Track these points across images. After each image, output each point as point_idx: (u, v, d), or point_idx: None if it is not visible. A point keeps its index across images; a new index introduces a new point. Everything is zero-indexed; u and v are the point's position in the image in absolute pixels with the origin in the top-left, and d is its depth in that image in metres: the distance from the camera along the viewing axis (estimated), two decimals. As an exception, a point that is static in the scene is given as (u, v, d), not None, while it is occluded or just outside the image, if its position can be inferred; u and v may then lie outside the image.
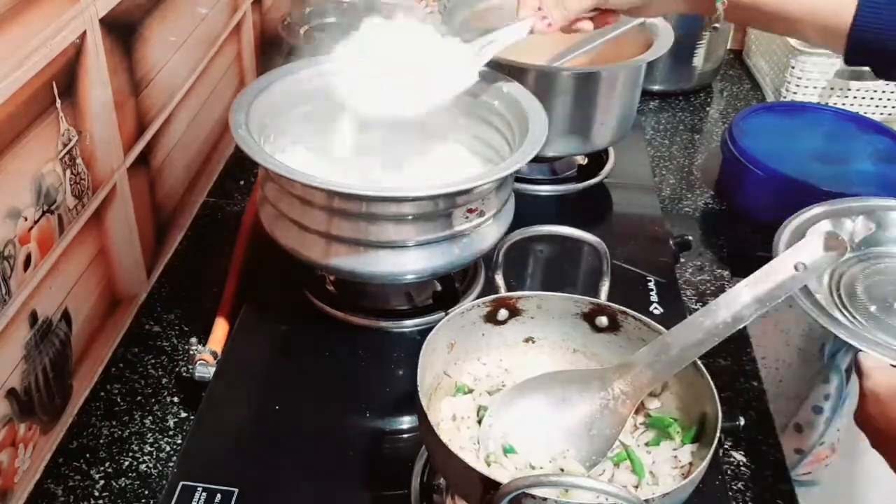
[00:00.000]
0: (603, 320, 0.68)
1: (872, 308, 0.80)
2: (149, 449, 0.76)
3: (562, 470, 0.61)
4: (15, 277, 0.66)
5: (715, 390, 0.60)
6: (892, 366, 0.63)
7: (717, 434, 0.57)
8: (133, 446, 0.76)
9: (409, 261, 0.75)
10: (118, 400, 0.80)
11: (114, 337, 0.86)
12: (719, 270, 1.01)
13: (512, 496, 0.50)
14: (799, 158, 1.09)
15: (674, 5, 0.80)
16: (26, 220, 0.67)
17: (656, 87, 1.38)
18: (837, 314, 0.78)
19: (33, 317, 0.69)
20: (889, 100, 1.26)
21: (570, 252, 0.95)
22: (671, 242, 0.97)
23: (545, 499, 0.51)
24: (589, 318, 0.68)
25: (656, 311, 0.85)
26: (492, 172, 0.72)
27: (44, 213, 0.69)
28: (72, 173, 0.73)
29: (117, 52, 0.79)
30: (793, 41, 1.27)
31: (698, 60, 1.36)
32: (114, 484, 0.73)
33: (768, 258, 1.05)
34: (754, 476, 0.77)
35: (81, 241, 0.76)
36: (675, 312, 0.85)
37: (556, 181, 1.07)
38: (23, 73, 0.64)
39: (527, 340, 0.70)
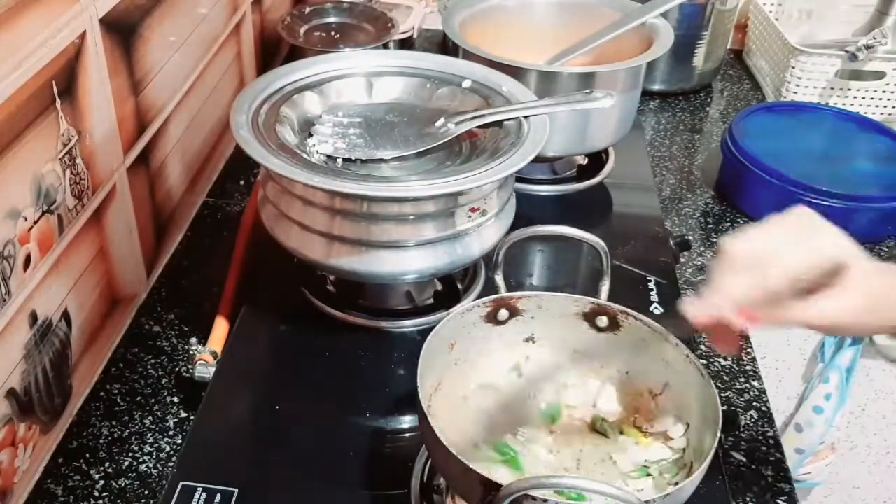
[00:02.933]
0: (603, 320, 0.68)
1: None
2: (149, 449, 0.76)
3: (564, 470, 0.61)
4: (15, 277, 0.66)
5: (716, 390, 0.60)
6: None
7: (718, 434, 0.57)
8: (133, 446, 0.76)
9: (411, 260, 0.75)
10: (118, 400, 0.80)
11: (114, 337, 0.86)
12: (719, 270, 1.01)
13: (513, 497, 0.50)
14: (799, 158, 1.09)
15: None
16: (26, 220, 0.67)
17: (656, 87, 1.38)
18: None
19: (33, 317, 0.69)
20: (889, 100, 1.26)
21: (570, 252, 0.95)
22: (671, 242, 0.97)
23: (546, 500, 0.51)
24: (589, 318, 0.68)
25: (656, 311, 0.85)
26: (493, 172, 0.72)
27: (43, 213, 0.69)
28: (71, 173, 0.73)
29: (117, 52, 0.79)
30: (792, 41, 1.27)
31: (698, 60, 1.36)
32: (114, 484, 0.73)
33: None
34: (754, 476, 0.77)
35: (81, 242, 0.76)
36: (675, 312, 0.85)
37: (556, 181, 1.07)
38: (23, 73, 0.64)
39: (527, 340, 0.70)
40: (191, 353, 0.84)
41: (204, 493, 0.66)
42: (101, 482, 0.73)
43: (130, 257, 0.87)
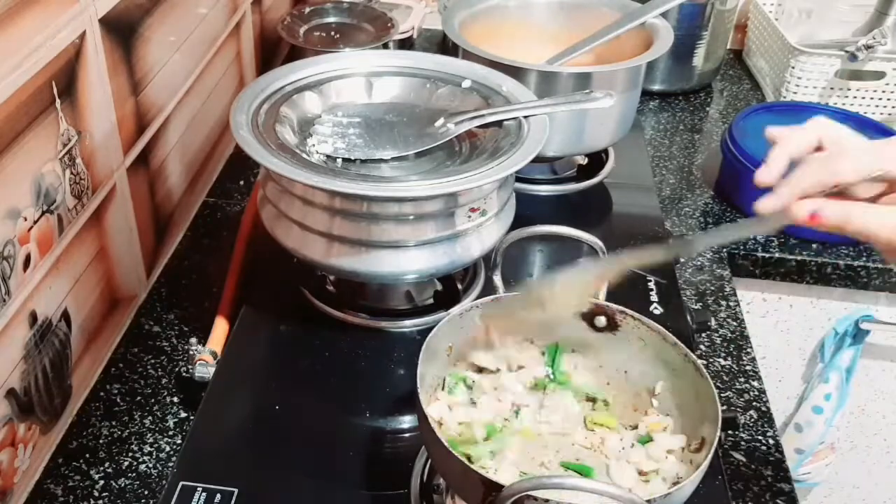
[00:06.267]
0: (601, 320, 0.68)
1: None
2: (148, 449, 0.76)
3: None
4: (15, 277, 0.66)
5: (715, 390, 0.60)
6: None
7: (717, 434, 0.57)
8: (133, 446, 0.76)
9: (411, 260, 0.75)
10: (118, 400, 0.80)
11: (114, 337, 0.86)
12: (719, 270, 1.01)
13: (515, 498, 0.50)
14: (799, 158, 1.09)
15: None
16: (26, 220, 0.67)
17: (656, 87, 1.38)
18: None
19: (33, 317, 0.69)
20: (889, 100, 1.26)
21: (569, 252, 0.95)
22: (671, 242, 0.96)
23: (546, 500, 0.51)
24: (588, 317, 0.68)
25: (656, 311, 0.85)
26: (493, 172, 0.72)
27: (43, 213, 0.69)
28: (71, 173, 0.73)
29: (117, 52, 0.79)
30: (792, 41, 1.26)
31: (698, 60, 1.36)
32: (113, 484, 0.73)
33: (769, 258, 1.06)
34: (754, 476, 0.77)
35: (81, 241, 0.76)
36: (675, 312, 0.85)
37: (556, 181, 1.07)
38: (22, 73, 0.64)
39: (525, 341, 0.70)
40: (191, 353, 0.84)
41: (204, 493, 0.66)
42: (101, 482, 0.73)
43: (130, 257, 0.87)
